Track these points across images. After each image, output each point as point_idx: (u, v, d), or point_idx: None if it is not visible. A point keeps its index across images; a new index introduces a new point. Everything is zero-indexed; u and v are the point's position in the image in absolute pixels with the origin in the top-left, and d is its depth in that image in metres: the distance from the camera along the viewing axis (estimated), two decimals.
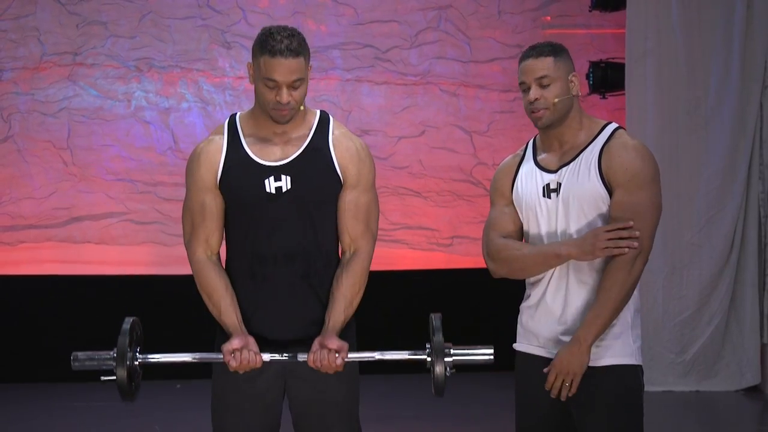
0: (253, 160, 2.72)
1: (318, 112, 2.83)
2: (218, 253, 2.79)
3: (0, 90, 6.95)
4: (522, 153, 2.93)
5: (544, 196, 2.80)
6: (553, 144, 2.83)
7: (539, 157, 2.86)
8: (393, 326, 6.93)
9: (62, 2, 6.97)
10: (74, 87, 7.00)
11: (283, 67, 2.63)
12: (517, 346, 2.92)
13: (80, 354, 2.73)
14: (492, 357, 2.70)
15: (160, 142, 7.03)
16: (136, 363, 2.65)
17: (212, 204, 2.74)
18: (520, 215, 2.89)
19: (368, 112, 7.21)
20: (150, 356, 2.69)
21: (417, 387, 6.67)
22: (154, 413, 5.91)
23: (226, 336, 2.76)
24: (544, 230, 2.81)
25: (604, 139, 2.76)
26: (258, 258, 2.73)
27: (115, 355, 2.63)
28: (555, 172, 2.79)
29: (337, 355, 2.63)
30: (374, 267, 2.86)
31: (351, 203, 2.75)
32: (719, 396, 6.18)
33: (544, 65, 2.75)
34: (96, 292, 6.87)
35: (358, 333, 2.86)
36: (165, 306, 6.88)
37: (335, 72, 7.17)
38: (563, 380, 2.68)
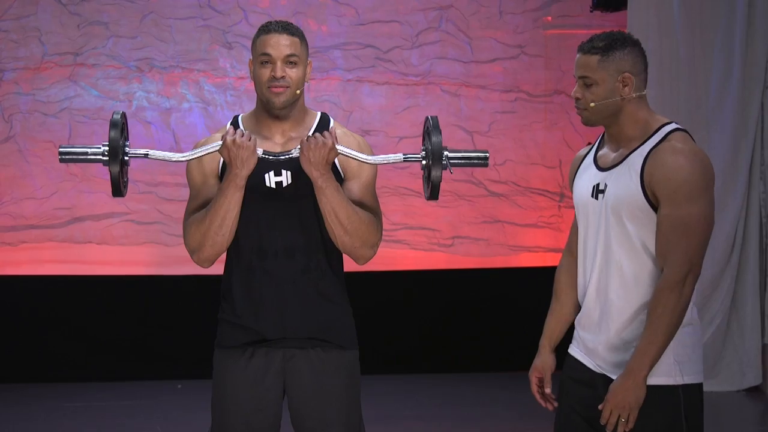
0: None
1: (318, 114, 2.85)
2: None
3: (1, 90, 6.95)
4: (593, 144, 2.77)
5: (592, 195, 2.64)
6: (612, 141, 2.65)
7: (600, 152, 2.69)
8: (395, 326, 6.93)
9: (63, 2, 6.97)
10: (75, 87, 7.01)
11: (277, 41, 2.69)
12: (570, 349, 2.79)
13: (69, 149, 2.56)
14: (488, 159, 2.62)
15: (161, 143, 7.03)
16: (127, 158, 2.57)
17: (211, 190, 2.73)
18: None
19: (369, 112, 7.21)
20: (140, 150, 2.59)
21: (418, 387, 6.69)
22: (155, 413, 5.92)
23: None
24: (588, 233, 2.67)
25: (656, 142, 2.54)
26: (258, 253, 2.73)
27: (107, 148, 2.51)
28: (606, 171, 2.63)
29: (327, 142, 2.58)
30: (375, 267, 2.86)
31: (353, 193, 2.75)
32: (720, 396, 6.17)
33: (586, 64, 2.58)
34: (97, 293, 6.87)
35: (359, 333, 2.86)
36: (167, 306, 6.89)
37: (336, 72, 7.17)
38: (619, 415, 2.51)
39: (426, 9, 7.20)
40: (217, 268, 2.84)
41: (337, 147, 2.59)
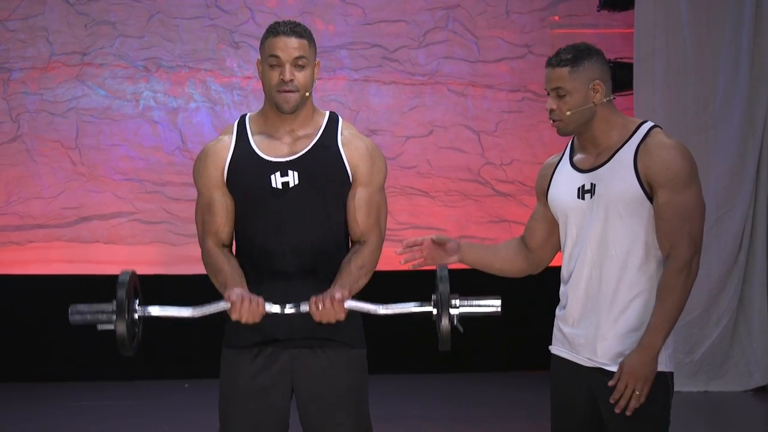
0: (259, 155, 2.74)
1: (327, 113, 2.84)
2: (230, 246, 2.80)
3: (9, 90, 6.97)
4: (562, 153, 2.89)
5: (578, 197, 2.75)
6: (588, 145, 2.78)
7: (575, 158, 2.82)
8: (401, 325, 6.93)
9: (71, 2, 6.99)
10: (83, 87, 7.02)
11: (285, 44, 2.69)
12: (551, 348, 2.87)
13: (79, 306, 2.68)
14: (500, 308, 2.62)
15: (168, 142, 7.04)
16: (136, 316, 2.60)
17: (221, 201, 2.75)
18: (555, 218, 2.86)
19: (376, 112, 7.21)
20: (149, 308, 2.63)
21: (423, 387, 6.69)
22: (161, 412, 5.92)
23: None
24: (577, 232, 2.77)
25: (640, 138, 2.70)
26: (265, 253, 2.73)
27: (114, 308, 2.58)
28: (589, 172, 2.75)
29: (338, 299, 2.57)
30: (382, 267, 2.86)
31: (362, 200, 2.75)
32: (727, 396, 6.16)
33: (559, 76, 2.71)
34: (104, 292, 6.86)
35: (366, 333, 2.86)
36: (173, 305, 6.89)
37: (343, 72, 7.17)
38: (633, 389, 2.60)
39: (433, 8, 7.20)
40: None
41: (347, 304, 2.59)
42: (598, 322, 2.71)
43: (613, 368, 2.68)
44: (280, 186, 2.71)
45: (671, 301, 2.61)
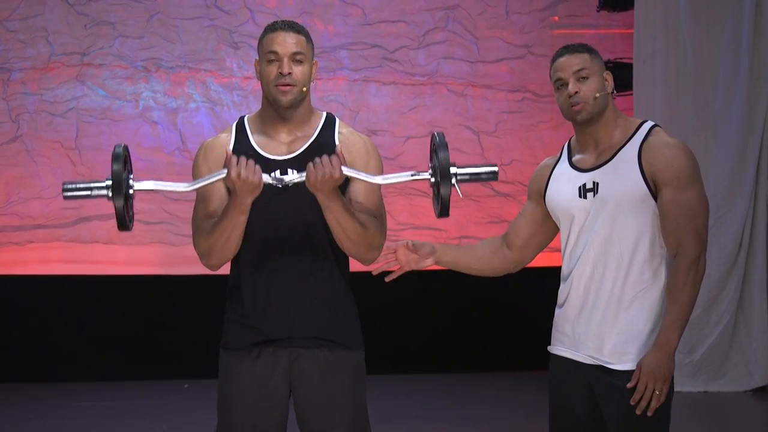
0: (259, 153, 2.74)
1: (324, 114, 2.85)
2: None
3: (9, 90, 6.97)
4: (558, 155, 2.91)
5: (580, 196, 2.76)
6: (589, 144, 2.80)
7: (574, 158, 2.83)
8: (401, 326, 6.93)
9: (70, 2, 6.99)
10: (82, 87, 7.02)
11: (284, 39, 2.71)
12: (550, 349, 2.87)
13: (71, 183, 2.60)
14: (497, 173, 2.62)
15: (168, 143, 7.04)
16: (131, 191, 2.56)
17: (219, 188, 2.74)
18: (554, 218, 2.87)
19: (376, 112, 7.22)
20: (144, 182, 2.58)
21: (423, 387, 6.69)
22: (161, 413, 5.92)
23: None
24: (579, 231, 2.77)
25: (642, 137, 2.73)
26: (264, 252, 2.73)
27: (110, 183, 2.52)
28: (591, 171, 2.76)
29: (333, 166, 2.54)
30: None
31: (359, 193, 2.74)
32: (727, 397, 6.16)
33: (581, 59, 2.76)
34: (104, 292, 6.89)
35: (364, 333, 2.85)
36: (173, 306, 6.90)
37: (343, 72, 7.17)
38: (653, 389, 2.62)
39: (432, 9, 7.21)
40: (224, 268, 2.84)
41: (343, 170, 2.57)
42: (600, 320, 2.71)
43: (616, 366, 2.68)
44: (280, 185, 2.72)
45: (683, 298, 2.63)
